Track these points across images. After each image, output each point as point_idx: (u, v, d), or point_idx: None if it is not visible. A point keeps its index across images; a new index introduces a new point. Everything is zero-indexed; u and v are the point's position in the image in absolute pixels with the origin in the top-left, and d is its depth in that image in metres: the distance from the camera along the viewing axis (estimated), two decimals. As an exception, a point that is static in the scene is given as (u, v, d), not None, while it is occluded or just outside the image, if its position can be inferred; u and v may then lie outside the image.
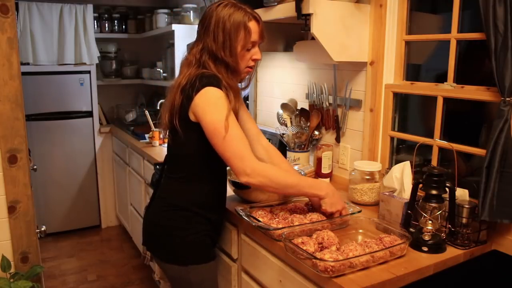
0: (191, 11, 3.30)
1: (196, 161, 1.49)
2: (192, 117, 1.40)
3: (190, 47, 1.50)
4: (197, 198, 1.51)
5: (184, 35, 3.24)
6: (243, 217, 1.53)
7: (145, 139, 3.21)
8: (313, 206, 1.58)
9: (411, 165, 1.63)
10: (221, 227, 1.71)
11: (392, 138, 1.93)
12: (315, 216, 1.50)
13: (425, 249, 1.35)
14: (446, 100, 1.68)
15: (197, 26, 1.52)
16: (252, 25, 1.43)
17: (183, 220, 1.51)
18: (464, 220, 1.41)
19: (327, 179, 2.11)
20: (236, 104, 1.42)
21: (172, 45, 3.36)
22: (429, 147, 1.74)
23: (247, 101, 3.08)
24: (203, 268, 1.54)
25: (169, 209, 1.53)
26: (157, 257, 1.60)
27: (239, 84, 1.57)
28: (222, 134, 1.34)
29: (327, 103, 2.16)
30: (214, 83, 1.37)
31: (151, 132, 3.08)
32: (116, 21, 4.08)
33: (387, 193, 1.60)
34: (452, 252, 1.37)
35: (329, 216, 1.49)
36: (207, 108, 1.36)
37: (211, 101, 1.36)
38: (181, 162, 1.50)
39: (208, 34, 1.42)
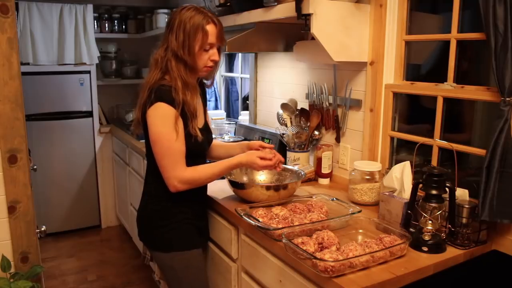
0: (191, 11, 3.29)
1: None
2: None
3: (159, 45, 1.63)
4: (168, 189, 1.59)
5: (184, 35, 3.24)
6: (243, 217, 1.53)
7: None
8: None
9: (411, 165, 1.63)
10: (204, 215, 1.81)
11: (392, 138, 1.93)
12: (315, 216, 1.50)
13: (425, 249, 1.35)
14: (446, 100, 1.68)
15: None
16: (210, 27, 1.56)
17: (164, 210, 1.66)
18: (464, 220, 1.41)
19: (327, 179, 2.11)
20: (193, 98, 1.58)
21: (172, 45, 3.36)
22: (429, 147, 1.74)
23: (247, 101, 3.08)
24: (186, 255, 1.67)
25: (152, 201, 1.69)
26: (147, 246, 1.76)
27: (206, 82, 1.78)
28: (161, 146, 1.54)
29: (327, 103, 2.16)
30: (165, 99, 1.52)
31: (151, 132, 3.07)
32: (116, 21, 4.07)
33: (387, 193, 1.60)
34: (452, 252, 1.37)
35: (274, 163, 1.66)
36: (154, 121, 1.54)
37: (159, 115, 1.53)
38: (152, 156, 1.61)
39: (172, 33, 1.56)
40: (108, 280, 3.14)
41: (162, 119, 1.53)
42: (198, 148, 1.65)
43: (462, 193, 1.49)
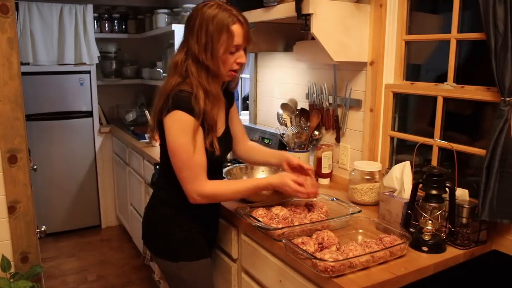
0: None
1: None
2: None
3: (179, 46, 1.50)
4: (185, 196, 1.50)
5: (184, 35, 3.24)
6: (243, 217, 1.53)
7: (145, 139, 3.21)
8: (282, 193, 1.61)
9: (411, 165, 1.63)
10: (215, 226, 1.72)
11: (392, 138, 1.93)
12: (315, 216, 1.50)
13: (425, 249, 1.35)
14: (446, 100, 1.68)
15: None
16: (236, 28, 1.39)
17: (173, 217, 1.56)
18: (464, 220, 1.41)
19: (327, 179, 2.12)
20: (213, 108, 1.44)
21: (172, 45, 3.36)
22: (429, 147, 1.74)
23: (247, 101, 3.08)
24: (195, 265, 1.57)
25: (161, 206, 1.59)
26: (151, 252, 1.66)
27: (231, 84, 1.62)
28: (181, 157, 1.41)
29: (327, 103, 2.16)
30: (183, 107, 1.38)
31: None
32: (116, 21, 4.08)
33: (387, 193, 1.60)
34: (452, 252, 1.37)
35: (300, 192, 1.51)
36: (172, 131, 1.41)
37: (176, 124, 1.40)
38: (168, 162, 1.51)
39: (192, 35, 1.41)
40: (108, 280, 3.14)
41: (180, 129, 1.39)
42: (215, 161, 1.52)
43: (462, 193, 1.49)
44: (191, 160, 1.41)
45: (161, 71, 3.68)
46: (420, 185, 1.43)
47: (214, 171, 1.56)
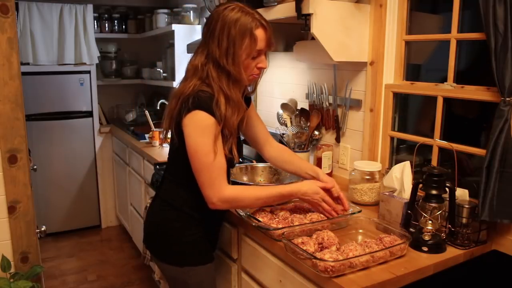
0: (191, 11, 3.29)
1: (191, 167, 1.45)
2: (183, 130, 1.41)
3: (197, 49, 1.45)
4: (193, 201, 1.49)
5: (184, 35, 3.24)
6: (243, 217, 1.53)
7: (145, 139, 3.21)
8: (311, 207, 1.55)
9: (411, 165, 1.63)
10: (219, 232, 1.71)
11: (392, 138, 1.93)
12: (315, 216, 1.50)
13: (425, 249, 1.35)
14: (446, 100, 1.68)
15: (196, 26, 1.50)
16: (259, 32, 1.36)
17: (180, 222, 1.52)
18: (464, 220, 1.41)
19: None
20: (233, 114, 1.39)
21: (172, 45, 3.36)
22: (429, 147, 1.74)
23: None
24: (200, 270, 1.54)
25: (167, 210, 1.54)
26: (155, 256, 1.61)
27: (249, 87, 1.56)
28: (200, 159, 1.35)
29: (327, 103, 2.16)
30: (204, 107, 1.34)
31: (151, 132, 3.07)
32: (116, 21, 4.07)
33: (387, 193, 1.60)
34: (452, 252, 1.37)
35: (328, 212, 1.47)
36: (192, 132, 1.36)
37: (197, 125, 1.35)
38: (179, 166, 1.49)
39: (213, 39, 1.36)
40: (108, 280, 3.14)
41: (201, 129, 1.34)
42: (229, 168, 1.49)
43: (462, 193, 1.49)
44: (212, 162, 1.35)
45: (161, 71, 3.68)
46: (420, 185, 1.43)
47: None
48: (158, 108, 3.72)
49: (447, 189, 1.37)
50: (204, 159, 1.35)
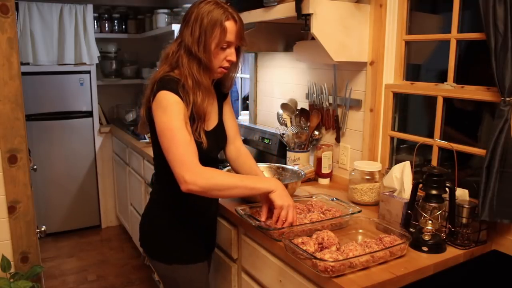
0: (191, 11, 3.29)
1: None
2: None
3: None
4: (178, 198, 1.48)
5: (184, 35, 3.23)
6: (243, 217, 1.53)
7: (145, 139, 3.21)
8: (262, 201, 1.48)
9: (411, 165, 1.63)
10: (211, 229, 1.71)
11: (392, 138, 1.93)
12: (315, 216, 1.50)
13: (425, 249, 1.35)
14: (446, 100, 1.68)
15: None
16: (229, 24, 1.42)
17: (167, 218, 1.56)
18: (464, 220, 1.41)
19: (327, 179, 2.11)
20: (204, 100, 1.43)
21: (172, 45, 3.36)
22: (429, 147, 1.74)
23: (247, 101, 3.08)
24: (190, 268, 1.56)
25: (156, 208, 1.59)
26: (147, 255, 1.64)
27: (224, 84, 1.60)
28: (167, 136, 1.35)
29: (327, 103, 2.16)
30: (168, 87, 1.38)
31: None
32: (116, 21, 4.07)
33: (387, 193, 1.60)
34: (452, 252, 1.37)
35: (275, 220, 1.41)
36: (157, 111, 1.38)
37: (161, 104, 1.37)
38: (159, 162, 1.49)
39: (187, 28, 1.43)
40: (108, 280, 3.14)
41: (164, 107, 1.36)
42: (204, 156, 1.42)
43: (462, 193, 1.49)
44: (180, 138, 1.33)
45: (161, 71, 3.67)
46: (420, 185, 1.43)
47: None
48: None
49: (447, 189, 1.37)
50: (169, 134, 1.34)
